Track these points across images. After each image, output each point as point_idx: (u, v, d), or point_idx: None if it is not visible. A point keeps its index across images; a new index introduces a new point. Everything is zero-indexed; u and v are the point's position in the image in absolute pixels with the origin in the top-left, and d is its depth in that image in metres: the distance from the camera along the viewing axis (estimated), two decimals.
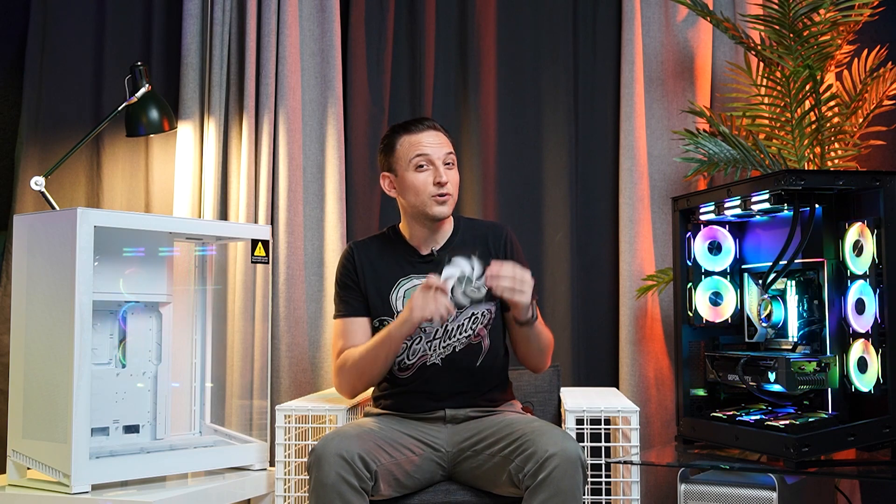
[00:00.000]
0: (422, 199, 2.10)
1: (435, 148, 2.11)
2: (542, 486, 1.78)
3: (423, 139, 2.11)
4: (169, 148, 2.91)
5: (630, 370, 2.77)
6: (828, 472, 2.07)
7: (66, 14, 2.94)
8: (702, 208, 2.16)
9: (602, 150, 2.94)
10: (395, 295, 2.14)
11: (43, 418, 2.01)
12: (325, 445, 1.84)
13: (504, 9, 2.97)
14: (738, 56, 2.84)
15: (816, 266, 1.98)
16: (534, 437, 1.86)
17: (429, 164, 2.10)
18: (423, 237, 2.17)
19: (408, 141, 2.12)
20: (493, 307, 2.17)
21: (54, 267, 2.01)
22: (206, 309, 2.43)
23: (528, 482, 1.81)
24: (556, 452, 1.78)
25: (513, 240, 2.24)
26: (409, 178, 2.11)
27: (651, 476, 2.73)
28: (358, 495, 1.82)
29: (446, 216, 2.14)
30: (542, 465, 1.79)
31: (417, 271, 2.15)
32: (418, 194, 2.11)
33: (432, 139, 2.12)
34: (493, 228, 2.25)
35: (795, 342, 2.04)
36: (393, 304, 2.14)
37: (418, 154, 2.10)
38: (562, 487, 1.77)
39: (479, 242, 2.18)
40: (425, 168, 2.10)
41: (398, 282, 2.15)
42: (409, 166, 2.11)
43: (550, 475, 1.77)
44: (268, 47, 2.82)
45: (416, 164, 2.10)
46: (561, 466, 1.77)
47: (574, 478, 1.78)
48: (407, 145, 2.12)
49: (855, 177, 1.92)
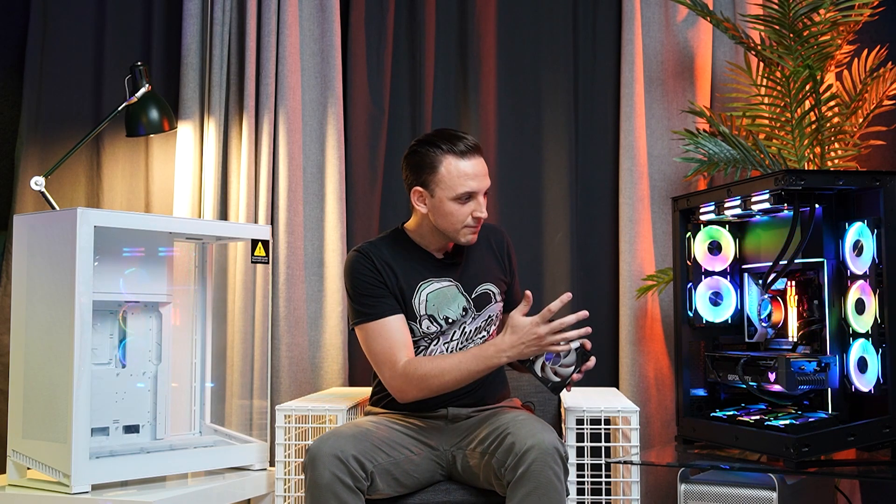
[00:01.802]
0: (455, 227, 2.06)
1: (481, 180, 2.03)
2: (523, 481, 1.79)
3: (472, 170, 2.02)
4: (169, 148, 2.91)
5: (630, 370, 2.77)
6: (828, 472, 2.07)
7: (66, 14, 2.94)
8: (702, 208, 2.16)
9: (602, 150, 2.94)
10: (418, 300, 2.09)
11: (43, 418, 2.01)
12: (319, 445, 1.84)
13: (504, 9, 2.97)
14: (738, 56, 2.84)
15: (816, 266, 1.98)
16: (514, 429, 1.87)
17: (472, 197, 2.04)
18: (435, 243, 2.14)
19: (456, 168, 2.01)
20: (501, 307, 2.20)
21: (54, 267, 2.01)
22: (206, 309, 2.43)
23: (508, 476, 1.82)
24: (534, 444, 1.79)
25: (510, 245, 2.27)
26: (447, 206, 2.03)
27: (651, 476, 2.73)
28: (353, 495, 1.82)
29: (472, 243, 2.11)
30: (521, 458, 1.79)
31: (436, 275, 2.12)
32: (454, 224, 2.05)
33: (479, 169, 2.04)
34: (495, 232, 2.26)
35: (795, 342, 2.04)
36: (416, 309, 2.09)
37: (466, 189, 2.01)
38: (541, 481, 1.78)
39: (484, 245, 2.20)
40: (468, 201, 2.04)
41: (419, 285, 2.10)
42: (451, 194, 2.02)
43: (529, 469, 1.78)
44: (268, 47, 2.82)
45: (460, 196, 2.02)
46: (539, 459, 1.78)
47: (552, 468, 1.79)
48: (455, 173, 2.01)
49: (855, 177, 1.92)
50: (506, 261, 2.23)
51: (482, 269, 2.17)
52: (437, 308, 2.11)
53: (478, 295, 2.15)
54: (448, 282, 2.13)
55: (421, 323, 2.10)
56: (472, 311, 2.14)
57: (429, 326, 2.10)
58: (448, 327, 2.12)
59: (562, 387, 1.90)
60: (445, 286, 2.12)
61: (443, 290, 2.12)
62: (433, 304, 2.10)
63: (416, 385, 1.98)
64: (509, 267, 2.24)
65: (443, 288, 2.12)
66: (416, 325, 2.10)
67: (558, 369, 1.90)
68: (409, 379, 1.99)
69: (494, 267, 2.20)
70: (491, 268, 2.19)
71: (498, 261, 2.21)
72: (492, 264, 2.19)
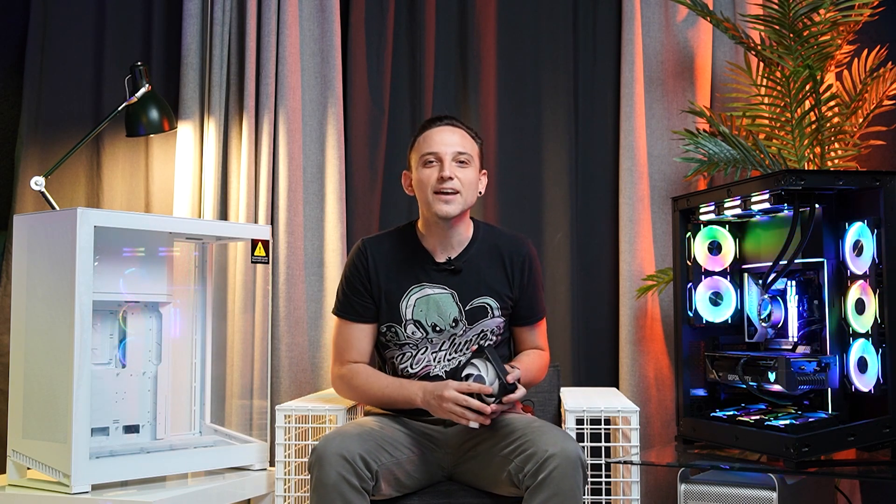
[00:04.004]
0: (426, 194, 2.05)
1: (446, 146, 2.06)
2: (542, 487, 1.77)
3: (436, 136, 2.08)
4: (169, 148, 2.91)
5: (630, 370, 2.77)
6: (828, 472, 2.07)
7: (66, 14, 2.94)
8: (702, 208, 2.16)
9: (602, 150, 2.94)
10: (406, 303, 2.09)
11: (43, 418, 2.01)
12: (326, 445, 1.83)
13: (504, 9, 2.97)
14: (738, 56, 2.84)
15: (816, 266, 1.98)
16: (534, 437, 1.86)
17: (437, 160, 2.05)
18: (439, 240, 2.11)
19: (423, 137, 2.10)
20: (502, 322, 2.14)
21: (54, 267, 2.01)
22: (207, 309, 2.43)
23: (527, 482, 1.81)
24: (556, 452, 1.78)
25: (533, 257, 2.17)
26: (418, 175, 2.08)
27: (651, 476, 2.73)
28: (359, 495, 1.81)
29: (451, 215, 2.04)
30: (542, 465, 1.78)
31: (431, 280, 2.10)
32: (423, 190, 2.06)
33: (446, 136, 2.07)
34: (513, 242, 2.16)
35: (795, 342, 2.04)
36: (402, 312, 2.09)
37: (427, 151, 2.07)
38: (562, 488, 1.77)
39: (494, 256, 2.13)
40: (433, 164, 2.06)
41: (410, 289, 2.10)
42: (419, 162, 2.08)
43: (550, 475, 1.77)
44: (268, 47, 2.82)
45: (425, 161, 2.06)
46: (561, 466, 1.77)
47: (574, 478, 1.78)
48: (422, 141, 2.09)
49: (855, 177, 1.92)
50: (517, 275, 2.13)
51: (484, 281, 2.11)
52: (426, 314, 2.09)
53: (473, 307, 2.10)
54: (443, 289, 2.10)
55: (406, 327, 2.10)
56: (464, 324, 2.10)
57: (414, 332, 2.09)
58: (436, 336, 2.10)
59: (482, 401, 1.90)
60: (439, 293, 2.10)
61: (435, 296, 2.10)
62: (421, 310, 2.09)
63: (347, 390, 2.14)
64: (520, 281, 2.13)
65: (435, 295, 2.10)
66: (401, 329, 2.10)
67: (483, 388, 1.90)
68: (343, 381, 2.13)
69: (498, 281, 2.12)
70: (494, 281, 2.12)
71: (506, 274, 2.13)
72: (497, 278, 2.12)
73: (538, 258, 2.21)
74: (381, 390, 2.07)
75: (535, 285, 2.17)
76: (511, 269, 2.13)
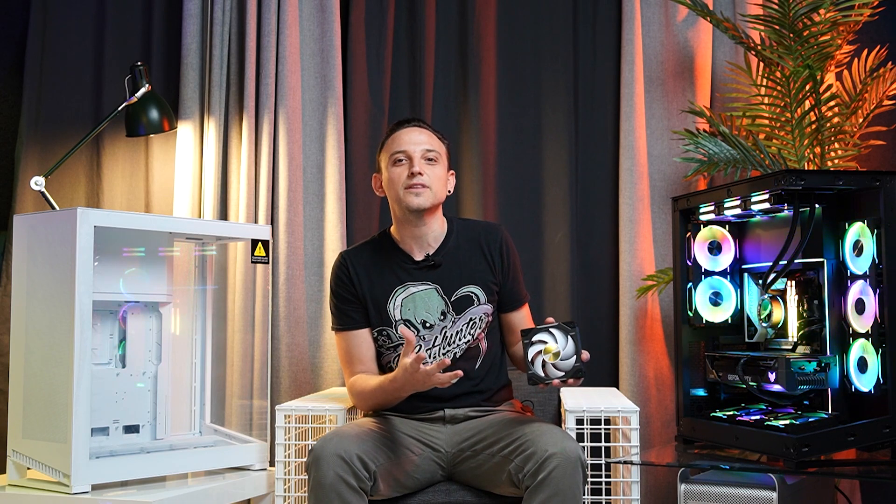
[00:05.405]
0: (396, 191, 2.11)
1: (414, 145, 2.12)
2: (542, 486, 1.77)
3: (405, 136, 2.13)
4: (169, 148, 2.91)
5: (630, 370, 2.77)
6: (828, 472, 2.07)
7: (66, 14, 2.94)
8: (702, 208, 2.16)
9: (602, 150, 2.94)
10: (392, 304, 2.13)
11: (43, 418, 2.01)
12: (323, 446, 1.84)
13: (504, 9, 2.97)
14: (738, 56, 2.84)
15: (816, 266, 1.98)
16: (534, 437, 1.86)
17: (407, 158, 2.11)
18: (414, 239, 2.15)
19: (392, 138, 2.15)
20: (490, 309, 2.17)
21: (54, 267, 2.01)
22: (207, 309, 2.43)
23: (527, 482, 1.81)
24: (556, 452, 1.79)
25: (508, 242, 2.22)
26: (387, 173, 2.14)
27: (651, 476, 2.73)
28: (357, 495, 1.81)
29: (422, 207, 2.09)
30: (542, 464, 1.79)
31: (413, 278, 2.14)
32: (393, 187, 2.12)
33: (414, 136, 2.13)
34: (487, 230, 2.22)
35: (795, 342, 2.03)
36: (390, 314, 2.13)
37: (397, 150, 2.12)
38: (562, 487, 1.77)
39: (473, 245, 2.18)
40: (402, 162, 2.11)
41: (394, 291, 2.14)
42: (389, 162, 2.13)
43: (550, 475, 1.77)
44: (268, 47, 2.82)
45: (395, 159, 2.12)
46: (561, 466, 1.77)
47: (574, 478, 1.78)
48: (391, 142, 2.15)
49: (855, 177, 1.92)
50: (496, 260, 2.18)
51: (465, 271, 2.15)
52: (414, 312, 2.12)
53: (458, 298, 2.13)
54: (426, 285, 2.13)
55: (397, 328, 2.11)
56: (452, 315, 2.13)
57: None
58: (427, 332, 2.11)
59: (541, 382, 1.88)
60: (423, 290, 2.13)
61: (420, 293, 2.12)
62: (409, 309, 2.12)
63: (357, 401, 2.17)
64: (501, 266, 2.19)
65: (420, 292, 2.12)
66: (393, 331, 2.12)
67: (550, 370, 1.88)
68: (351, 394, 2.17)
69: (480, 268, 2.16)
70: (476, 269, 2.16)
71: (487, 261, 2.17)
72: (478, 265, 2.16)
73: (513, 243, 2.24)
74: (373, 391, 2.07)
75: (515, 268, 2.23)
76: (491, 256, 2.18)
